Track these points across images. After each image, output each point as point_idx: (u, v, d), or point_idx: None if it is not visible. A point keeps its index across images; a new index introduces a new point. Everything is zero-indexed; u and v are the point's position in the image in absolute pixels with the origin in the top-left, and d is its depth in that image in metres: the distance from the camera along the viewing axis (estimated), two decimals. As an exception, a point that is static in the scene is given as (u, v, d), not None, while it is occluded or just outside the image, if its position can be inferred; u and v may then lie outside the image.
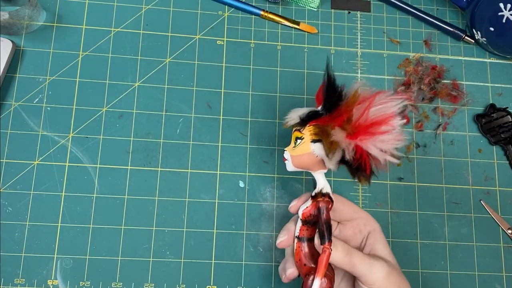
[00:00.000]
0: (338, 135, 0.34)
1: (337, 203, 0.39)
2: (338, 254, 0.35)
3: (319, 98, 0.38)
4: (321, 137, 0.36)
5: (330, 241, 0.35)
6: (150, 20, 0.51)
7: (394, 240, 0.48)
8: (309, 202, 0.37)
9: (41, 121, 0.47)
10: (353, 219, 0.40)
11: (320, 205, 0.36)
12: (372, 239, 0.39)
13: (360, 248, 0.39)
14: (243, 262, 0.46)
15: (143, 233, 0.46)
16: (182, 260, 0.46)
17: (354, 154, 0.34)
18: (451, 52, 0.55)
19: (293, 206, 0.39)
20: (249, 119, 0.50)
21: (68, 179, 0.46)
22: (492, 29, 0.50)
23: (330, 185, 0.42)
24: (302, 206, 0.38)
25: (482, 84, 0.54)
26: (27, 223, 0.45)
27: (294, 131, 0.38)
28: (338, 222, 0.41)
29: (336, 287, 0.40)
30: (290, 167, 0.38)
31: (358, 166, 0.35)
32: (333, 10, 0.54)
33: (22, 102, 0.47)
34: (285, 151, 0.38)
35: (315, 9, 0.54)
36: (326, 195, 0.37)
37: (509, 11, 0.47)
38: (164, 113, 0.49)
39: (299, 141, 0.37)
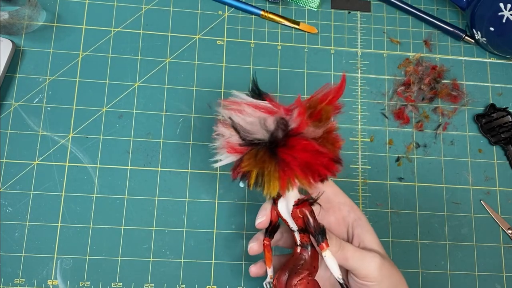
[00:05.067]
0: None
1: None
2: (331, 249, 0.34)
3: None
4: None
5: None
6: (150, 20, 0.51)
7: (394, 240, 0.48)
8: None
9: (41, 121, 0.47)
10: (334, 204, 0.39)
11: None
12: (359, 229, 0.38)
13: (348, 240, 0.39)
14: (243, 262, 0.46)
15: (143, 233, 0.46)
16: (182, 260, 0.46)
17: None
18: (451, 52, 0.55)
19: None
20: (249, 119, 0.49)
21: (68, 179, 0.46)
22: (492, 29, 0.50)
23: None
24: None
25: (482, 84, 0.54)
26: (27, 223, 0.45)
27: None
28: (321, 208, 0.39)
29: (327, 278, 0.39)
30: None
31: None
32: (333, 10, 0.54)
33: (22, 102, 0.47)
34: None
35: (315, 9, 0.54)
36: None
37: (509, 11, 0.47)
38: (164, 113, 0.49)
39: None
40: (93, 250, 0.45)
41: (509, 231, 0.49)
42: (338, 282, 0.34)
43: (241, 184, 0.48)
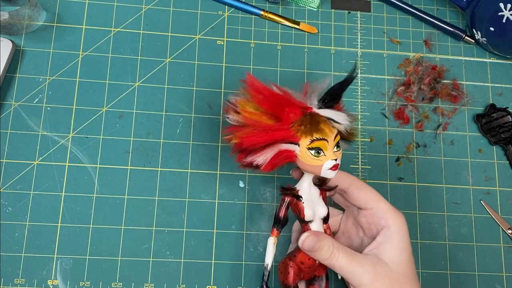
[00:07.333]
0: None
1: (351, 187, 0.39)
2: (322, 255, 0.36)
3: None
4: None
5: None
6: (150, 20, 0.51)
7: (394, 240, 0.48)
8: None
9: (41, 121, 0.47)
10: (368, 208, 0.39)
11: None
12: (382, 237, 0.37)
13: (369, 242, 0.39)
14: (243, 262, 0.46)
15: (143, 233, 0.46)
16: (182, 260, 0.46)
17: None
18: (451, 52, 0.55)
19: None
20: (249, 119, 0.49)
21: (68, 179, 0.46)
22: (492, 29, 0.50)
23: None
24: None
25: (482, 84, 0.54)
26: (27, 223, 0.45)
27: (337, 135, 0.36)
28: (359, 208, 0.40)
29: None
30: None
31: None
32: (333, 10, 0.54)
33: (22, 102, 0.47)
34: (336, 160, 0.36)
35: (315, 9, 0.54)
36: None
37: (509, 11, 0.47)
38: (164, 113, 0.49)
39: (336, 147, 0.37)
40: (93, 250, 0.45)
41: (509, 231, 0.49)
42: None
43: (241, 184, 0.48)
